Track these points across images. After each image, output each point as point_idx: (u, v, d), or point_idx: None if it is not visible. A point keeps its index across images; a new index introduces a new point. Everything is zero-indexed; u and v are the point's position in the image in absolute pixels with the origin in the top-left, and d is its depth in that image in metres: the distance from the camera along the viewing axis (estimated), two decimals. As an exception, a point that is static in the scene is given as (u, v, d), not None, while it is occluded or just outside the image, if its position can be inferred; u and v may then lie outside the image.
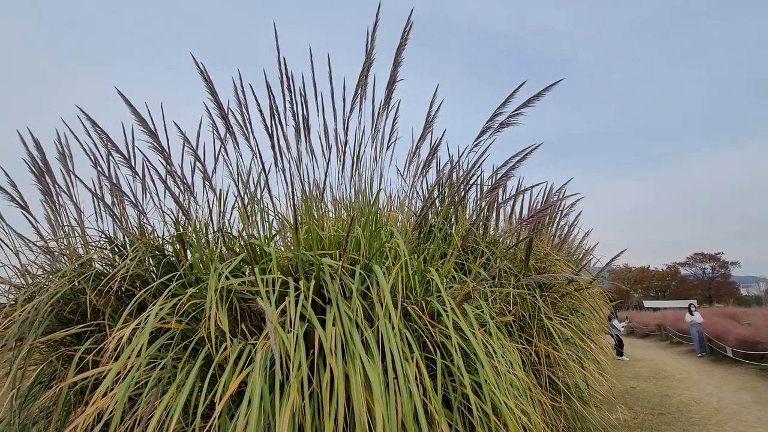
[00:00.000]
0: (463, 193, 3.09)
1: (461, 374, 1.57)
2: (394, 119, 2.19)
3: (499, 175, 2.61)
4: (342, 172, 2.05)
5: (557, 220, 3.73)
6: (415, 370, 1.51)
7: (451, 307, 1.67)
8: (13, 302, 2.37)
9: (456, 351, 1.58)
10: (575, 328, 3.00)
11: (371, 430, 1.31)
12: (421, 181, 3.17)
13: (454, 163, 3.05)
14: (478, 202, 3.23)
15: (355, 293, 1.60)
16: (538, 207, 3.26)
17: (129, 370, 1.44)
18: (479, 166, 2.38)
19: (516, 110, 1.97)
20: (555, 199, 3.24)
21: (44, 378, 2.20)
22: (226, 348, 1.51)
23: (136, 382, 1.50)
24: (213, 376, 1.46)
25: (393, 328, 1.55)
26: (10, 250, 2.40)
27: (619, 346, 8.22)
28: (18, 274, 2.39)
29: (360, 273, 1.66)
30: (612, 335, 7.92)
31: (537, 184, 2.41)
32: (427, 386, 1.52)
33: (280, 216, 2.33)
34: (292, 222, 1.88)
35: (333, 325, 1.48)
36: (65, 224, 2.42)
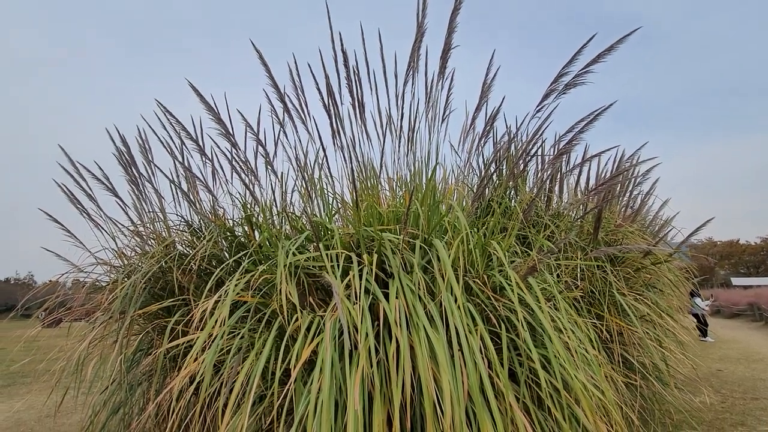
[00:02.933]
0: (522, 165, 2.95)
1: (528, 349, 1.53)
2: (449, 90, 2.13)
3: (563, 143, 2.44)
4: (398, 148, 2.04)
5: (630, 189, 3.42)
6: (480, 343, 1.50)
7: (516, 281, 1.62)
8: (114, 281, 2.71)
9: (522, 325, 1.54)
10: (652, 304, 2.78)
11: (438, 399, 1.33)
12: (478, 156, 3.07)
13: (512, 135, 2.91)
14: (540, 174, 3.06)
15: (416, 267, 1.61)
16: (608, 176, 3.01)
17: (213, 339, 1.58)
18: (541, 135, 2.24)
19: (585, 68, 1.80)
20: (627, 165, 2.96)
21: (144, 346, 2.51)
22: (297, 320, 1.60)
23: (220, 349, 1.65)
24: (286, 346, 1.56)
25: (455, 300, 1.54)
26: (109, 235, 2.73)
27: (703, 326, 7.50)
28: (116, 256, 2.71)
29: (420, 247, 1.66)
30: (694, 315, 7.26)
31: (606, 150, 2.21)
32: (493, 359, 1.50)
33: (339, 196, 2.40)
34: (351, 200, 1.91)
35: (396, 298, 1.51)
36: (150, 210, 2.69)
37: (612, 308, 2.62)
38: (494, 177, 2.96)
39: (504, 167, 2.85)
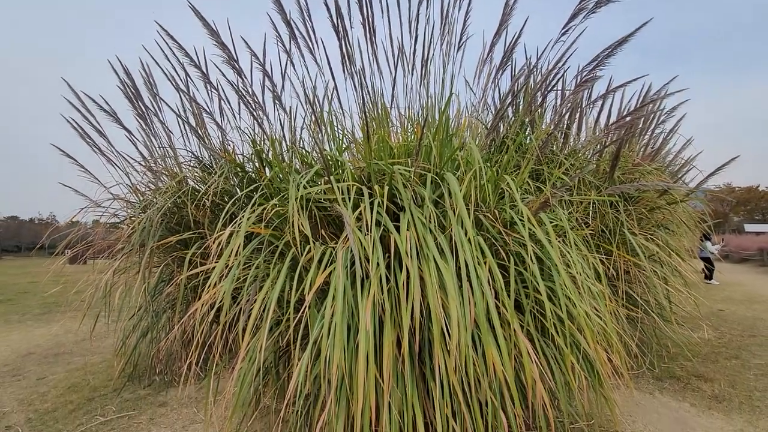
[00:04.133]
0: (540, 99, 2.81)
1: (536, 281, 1.56)
2: (467, 12, 1.96)
3: (584, 75, 2.29)
4: (410, 82, 1.94)
5: (652, 127, 3.26)
6: (488, 275, 1.53)
7: (527, 216, 1.61)
8: (131, 216, 2.78)
9: (531, 258, 1.56)
10: (662, 243, 2.78)
11: (446, 324, 1.39)
12: (494, 90, 2.92)
13: (531, 66, 2.73)
14: (558, 109, 2.92)
15: (427, 200, 1.60)
16: (630, 110, 2.85)
17: (230, 269, 1.65)
18: (564, 64, 2.10)
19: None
20: (653, 98, 2.79)
21: (165, 277, 2.64)
22: (309, 251, 1.64)
23: (237, 278, 1.72)
24: (300, 276, 1.62)
25: (466, 234, 1.55)
26: (122, 171, 2.75)
27: (710, 269, 7.57)
28: (131, 191, 2.76)
29: (432, 180, 1.64)
30: (704, 258, 7.28)
31: (631, 81, 2.05)
32: (500, 291, 1.54)
33: (349, 132, 2.34)
34: (361, 131, 1.86)
35: (407, 230, 1.52)
36: (160, 146, 2.68)
37: (622, 247, 2.63)
38: (509, 111, 2.84)
39: (521, 101, 2.72)
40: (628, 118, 2.33)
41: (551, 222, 1.82)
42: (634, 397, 2.32)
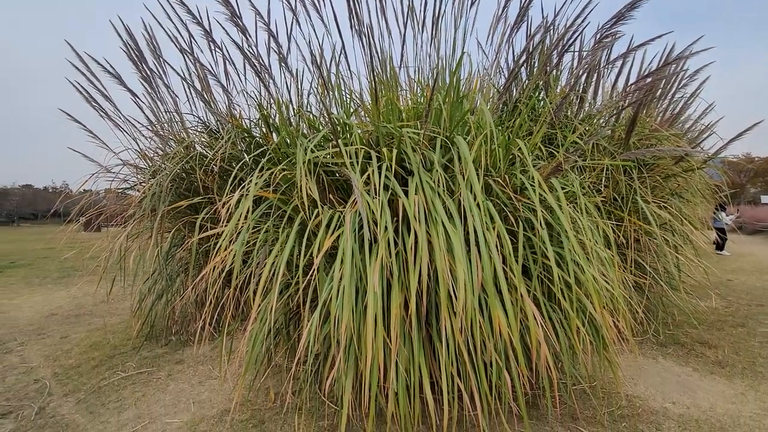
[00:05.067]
0: (556, 60, 2.69)
1: (545, 247, 1.55)
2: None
3: (604, 33, 2.17)
4: (422, 34, 1.85)
5: (673, 91, 3.12)
6: (496, 240, 1.52)
7: (538, 181, 1.58)
8: (142, 181, 2.80)
9: (540, 224, 1.54)
10: (676, 211, 2.73)
11: (453, 288, 1.40)
12: (507, 51, 2.80)
13: (548, 24, 2.59)
14: (575, 71, 2.80)
15: (436, 164, 1.57)
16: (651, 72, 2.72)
17: (239, 232, 1.66)
18: (583, 20, 1.99)
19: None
20: (676, 58, 2.64)
21: (177, 241, 2.68)
22: (318, 215, 1.64)
23: (247, 242, 1.74)
24: (308, 240, 1.63)
25: (475, 198, 1.54)
26: (129, 136, 2.74)
27: (722, 240, 7.47)
28: (139, 156, 2.76)
29: (441, 143, 1.60)
30: (718, 228, 7.17)
31: (653, 39, 1.92)
32: (508, 256, 1.54)
33: (357, 96, 2.28)
34: (369, 93, 1.81)
35: (416, 194, 1.51)
36: (167, 111, 2.65)
37: (633, 214, 2.59)
38: (523, 72, 2.73)
39: (536, 61, 2.60)
40: (648, 79, 2.23)
41: (563, 188, 1.79)
42: (638, 361, 2.36)
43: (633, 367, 2.28)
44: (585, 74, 2.76)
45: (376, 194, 1.51)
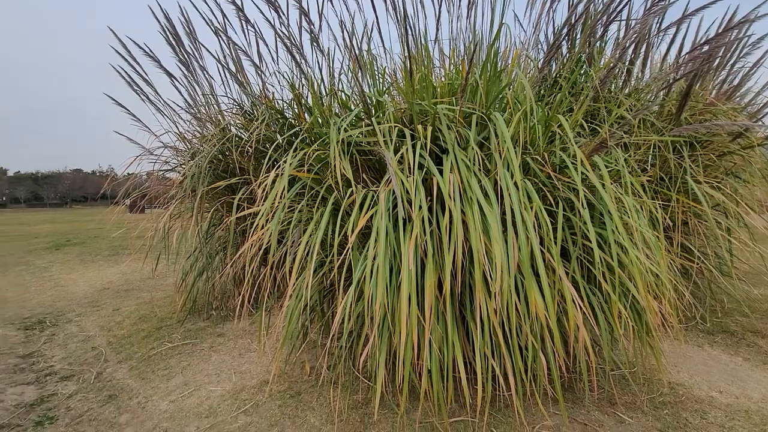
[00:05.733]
0: (601, 31, 2.52)
1: (586, 228, 1.48)
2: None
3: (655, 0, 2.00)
4: (458, 6, 1.78)
5: (733, 60, 2.85)
6: (534, 220, 1.47)
7: (580, 159, 1.50)
8: (182, 163, 2.91)
9: (582, 204, 1.48)
10: (731, 192, 2.54)
11: (488, 268, 1.37)
12: (547, 24, 2.65)
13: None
14: (621, 42, 2.61)
15: (471, 141, 1.53)
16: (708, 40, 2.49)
17: (275, 211, 1.70)
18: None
19: None
20: (739, 22, 2.39)
21: (215, 221, 2.79)
22: (351, 194, 1.65)
23: (282, 221, 1.77)
24: (342, 219, 1.64)
25: (512, 177, 1.49)
26: (169, 119, 2.84)
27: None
28: (179, 139, 2.86)
29: (477, 119, 1.55)
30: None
31: (713, 2, 1.74)
32: (546, 237, 1.49)
33: (390, 73, 2.24)
34: (403, 69, 1.77)
35: (450, 172, 1.48)
36: (204, 94, 2.71)
37: (682, 195, 2.43)
38: (564, 46, 2.58)
39: (578, 33, 2.45)
40: (705, 48, 2.04)
41: (606, 166, 1.69)
42: (682, 349, 2.25)
43: (677, 354, 2.19)
44: (633, 45, 2.57)
45: (410, 173, 1.49)
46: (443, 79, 2.16)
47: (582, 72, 2.54)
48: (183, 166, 2.84)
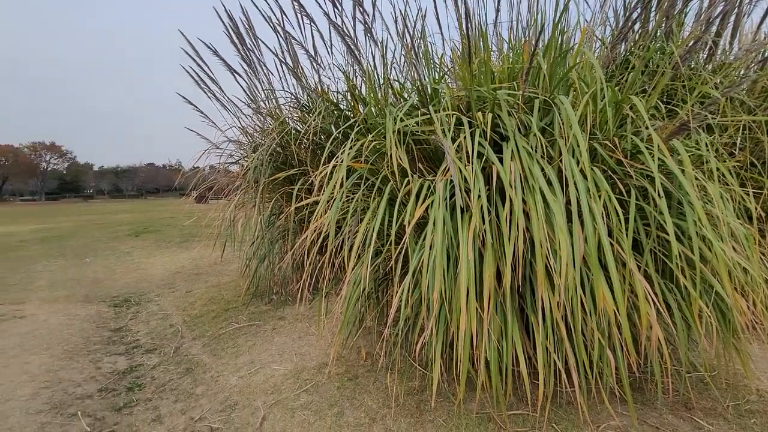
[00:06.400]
0: (681, 2, 2.27)
1: (662, 219, 1.37)
2: None
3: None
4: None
5: None
6: (602, 209, 1.39)
7: (657, 143, 1.38)
8: (244, 156, 3.09)
9: (658, 192, 1.36)
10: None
11: (551, 260, 1.32)
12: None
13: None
14: (706, 12, 2.34)
15: (534, 127, 1.46)
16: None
17: (334, 200, 1.75)
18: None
19: None
20: None
21: (276, 210, 2.93)
22: (407, 183, 1.65)
23: (340, 210, 1.82)
24: (398, 210, 1.65)
25: (578, 164, 1.41)
26: (233, 114, 3.02)
27: None
28: (241, 133, 3.03)
29: (541, 103, 1.48)
30: None
31: None
32: (615, 228, 1.40)
33: (446, 62, 2.20)
34: (461, 53, 1.73)
35: (511, 160, 1.43)
36: (265, 89, 2.84)
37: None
38: (637, 22, 2.37)
39: (653, 6, 2.23)
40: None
41: (687, 150, 1.54)
42: (773, 354, 2.02)
43: (765, 360, 1.97)
44: (720, 16, 2.29)
45: (468, 161, 1.46)
46: (500, 63, 2.08)
47: (657, 50, 2.31)
48: (245, 159, 3.01)
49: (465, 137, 1.47)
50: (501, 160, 1.46)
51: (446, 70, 2.05)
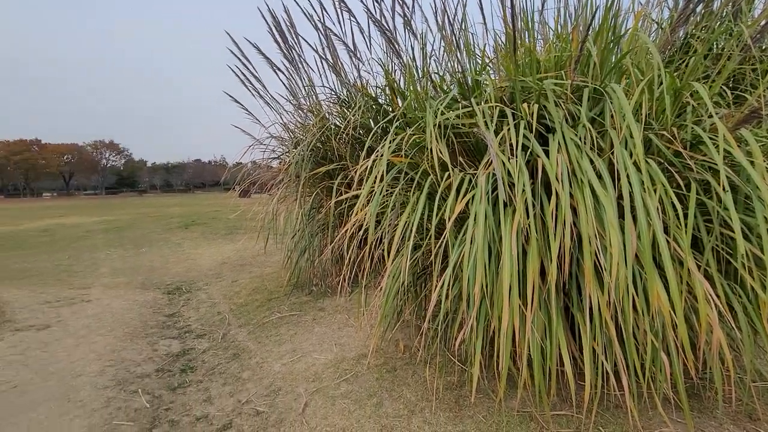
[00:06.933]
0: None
1: (727, 216, 1.27)
2: None
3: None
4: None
5: None
6: (657, 204, 1.30)
7: (723, 133, 1.28)
8: (286, 152, 3.18)
9: (723, 186, 1.26)
10: None
11: (600, 257, 1.26)
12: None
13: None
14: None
15: (583, 118, 1.40)
16: None
17: (374, 194, 1.76)
18: None
19: None
20: None
21: (315, 204, 3.01)
22: (448, 177, 1.63)
23: (379, 204, 1.84)
24: (437, 204, 1.63)
25: (631, 156, 1.33)
26: (275, 111, 3.11)
27: None
28: (283, 129, 3.12)
29: (590, 92, 1.41)
30: None
31: None
32: (671, 223, 1.32)
33: (489, 53, 2.14)
34: (506, 42, 1.68)
35: (557, 153, 1.37)
36: (306, 85, 2.91)
37: None
38: (700, 2, 2.18)
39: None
40: None
41: (757, 140, 1.41)
42: None
43: None
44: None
45: (511, 154, 1.42)
46: (546, 53, 2.00)
47: (724, 30, 2.13)
48: (287, 154, 3.10)
49: (509, 129, 1.43)
50: (547, 153, 1.41)
51: (488, 61, 2.00)
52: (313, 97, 3.00)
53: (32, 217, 13.24)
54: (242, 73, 3.00)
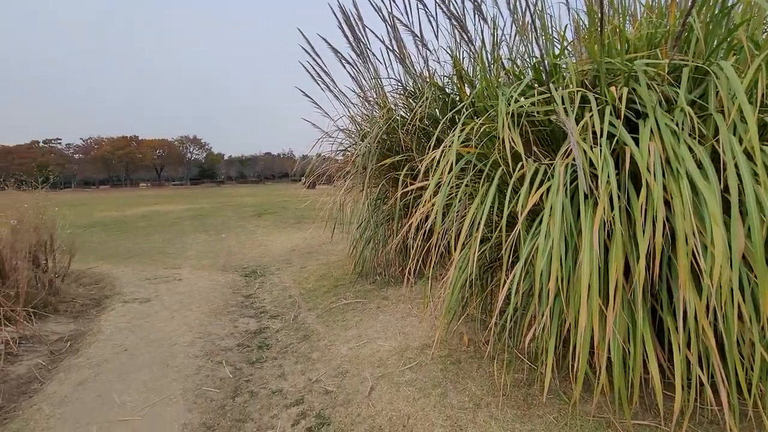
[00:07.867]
0: None
1: None
2: None
3: None
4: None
5: None
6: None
7: None
8: (353, 144, 3.26)
9: None
10: None
11: (698, 257, 1.13)
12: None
13: None
14: None
15: (681, 101, 1.25)
16: None
17: (442, 185, 1.75)
18: None
19: None
20: None
21: (381, 196, 3.06)
22: (521, 168, 1.56)
23: (447, 195, 1.82)
24: (507, 195, 1.57)
25: (740, 143, 1.17)
26: (342, 104, 3.20)
27: None
28: (351, 122, 3.21)
29: (691, 71, 1.25)
30: None
31: None
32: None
33: (570, 34, 2.00)
34: (576, 33, 1.55)
35: (649, 140, 1.25)
36: (373, 78, 2.95)
37: None
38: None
39: None
40: None
41: None
42: None
43: None
44: None
45: (594, 143, 1.32)
46: (636, 31, 1.81)
47: None
48: (354, 146, 3.18)
49: (592, 116, 1.33)
50: (636, 141, 1.29)
51: (567, 44, 1.87)
52: (380, 89, 3.03)
53: (133, 204, 15.09)
54: (312, 68, 3.13)
